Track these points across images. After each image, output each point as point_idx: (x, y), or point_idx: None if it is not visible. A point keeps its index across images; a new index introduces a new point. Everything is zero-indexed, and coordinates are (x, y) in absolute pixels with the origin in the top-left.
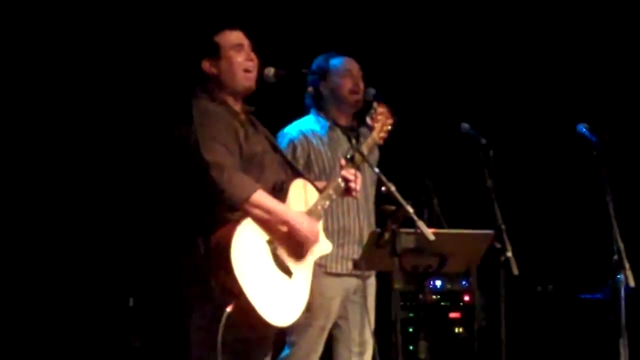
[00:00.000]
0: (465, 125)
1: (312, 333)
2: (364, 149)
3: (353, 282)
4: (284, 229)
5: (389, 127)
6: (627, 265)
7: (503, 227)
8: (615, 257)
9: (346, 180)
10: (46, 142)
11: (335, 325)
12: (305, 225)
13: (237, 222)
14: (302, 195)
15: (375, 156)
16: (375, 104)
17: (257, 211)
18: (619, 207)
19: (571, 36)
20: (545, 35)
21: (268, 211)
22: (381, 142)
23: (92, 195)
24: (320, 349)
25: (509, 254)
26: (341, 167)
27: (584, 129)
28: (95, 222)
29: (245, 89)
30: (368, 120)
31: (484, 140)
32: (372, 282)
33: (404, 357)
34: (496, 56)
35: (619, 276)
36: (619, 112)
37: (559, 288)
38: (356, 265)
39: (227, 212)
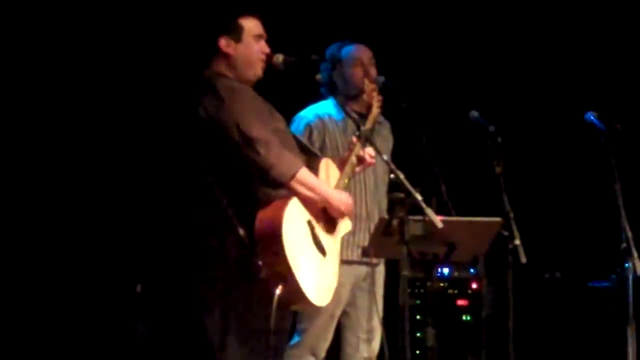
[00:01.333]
0: (474, 113)
1: (322, 320)
2: (368, 124)
3: (363, 269)
4: (321, 206)
5: (380, 98)
6: (635, 254)
7: (511, 214)
8: (624, 245)
9: (361, 160)
10: (61, 124)
11: (344, 313)
12: (344, 200)
13: (284, 201)
14: (327, 174)
15: (389, 145)
16: (366, 82)
17: (302, 188)
18: (627, 196)
19: (581, 23)
20: (555, 22)
21: (312, 188)
22: (378, 117)
23: (105, 180)
24: (329, 336)
25: (517, 241)
26: (351, 145)
27: (593, 117)
28: (104, 208)
29: (256, 77)
30: (365, 97)
31: (492, 128)
32: (380, 270)
33: (412, 344)
34: (505, 43)
35: (627, 264)
36: (629, 100)
37: (567, 276)
38: (365, 252)
39: (268, 190)
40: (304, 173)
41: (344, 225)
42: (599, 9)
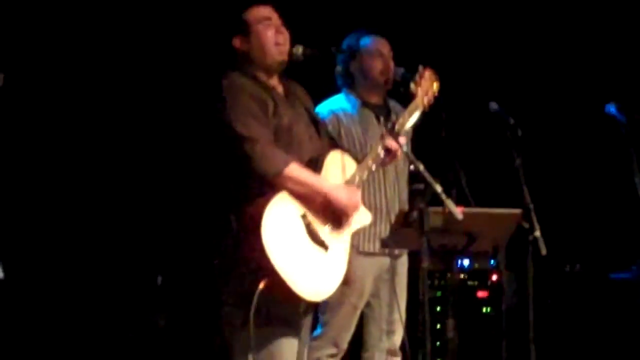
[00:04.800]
0: (494, 105)
1: (345, 312)
2: (406, 116)
3: (386, 261)
4: (320, 201)
5: (435, 91)
6: None
7: (531, 206)
8: None
9: (387, 150)
10: (78, 116)
11: (367, 304)
12: (341, 194)
13: (270, 196)
14: (339, 167)
15: (409, 136)
16: (420, 68)
17: (291, 184)
18: None
19: (602, 14)
20: (576, 12)
21: (302, 184)
22: (426, 107)
23: (122, 172)
24: (352, 327)
25: (537, 233)
26: (382, 137)
27: (613, 109)
28: (124, 199)
29: (277, 63)
30: (412, 86)
31: (512, 120)
32: (403, 262)
33: (432, 336)
34: (525, 35)
35: None
36: None
37: (587, 268)
38: (384, 244)
39: (260, 186)
40: (292, 169)
41: (361, 218)
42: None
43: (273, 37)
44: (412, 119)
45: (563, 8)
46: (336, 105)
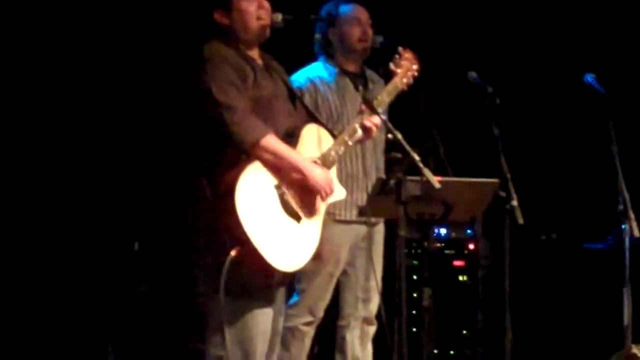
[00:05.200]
0: (472, 74)
1: (321, 280)
2: (384, 95)
3: (362, 229)
4: (295, 175)
5: (415, 73)
6: (632, 216)
7: (508, 175)
8: (621, 207)
9: (364, 128)
10: (51, 98)
11: (343, 272)
12: (317, 173)
13: (244, 165)
14: (315, 140)
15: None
16: (400, 49)
17: (267, 155)
18: (624, 158)
19: None
20: None
21: (278, 156)
22: (405, 87)
23: (97, 137)
24: (328, 296)
25: (514, 202)
26: (359, 112)
27: (591, 79)
28: (98, 165)
29: (259, 37)
30: (391, 65)
31: (490, 89)
32: (380, 229)
33: (408, 304)
34: (504, 4)
35: (623, 226)
36: (627, 62)
37: (563, 237)
38: (361, 212)
39: (235, 154)
40: (269, 140)
41: (336, 193)
42: None
43: (255, 12)
44: (390, 98)
45: None
46: (313, 73)
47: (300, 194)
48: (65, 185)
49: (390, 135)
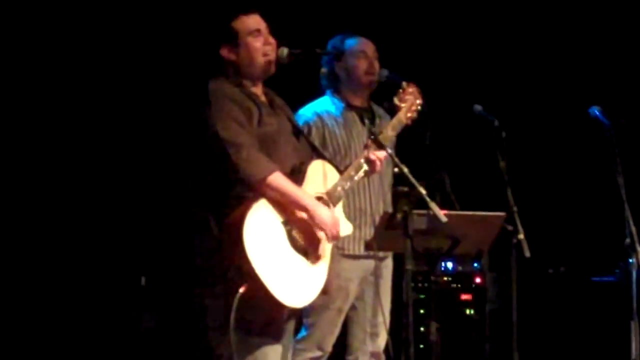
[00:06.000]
0: (478, 107)
1: (330, 315)
2: (389, 129)
3: (370, 263)
4: (301, 214)
5: (418, 107)
6: (639, 249)
7: (515, 209)
8: (628, 240)
9: (370, 162)
10: (62, 119)
11: (352, 307)
12: (323, 213)
13: (251, 202)
14: (320, 177)
15: (393, 139)
16: (404, 84)
17: (273, 193)
18: (631, 190)
19: (585, 17)
20: (559, 16)
21: (284, 194)
22: (409, 122)
23: (105, 173)
24: (337, 330)
25: (521, 236)
26: (365, 147)
27: (597, 112)
28: (107, 201)
29: (264, 73)
30: (395, 100)
31: (496, 122)
32: (388, 264)
33: (415, 339)
34: (509, 38)
35: (631, 259)
36: (632, 95)
37: (570, 270)
38: (368, 246)
39: (242, 191)
40: (276, 177)
41: (343, 228)
42: (603, 4)
43: (261, 49)
44: (394, 132)
45: (548, 10)
46: (320, 108)
47: (307, 231)
48: (73, 222)
49: (396, 169)
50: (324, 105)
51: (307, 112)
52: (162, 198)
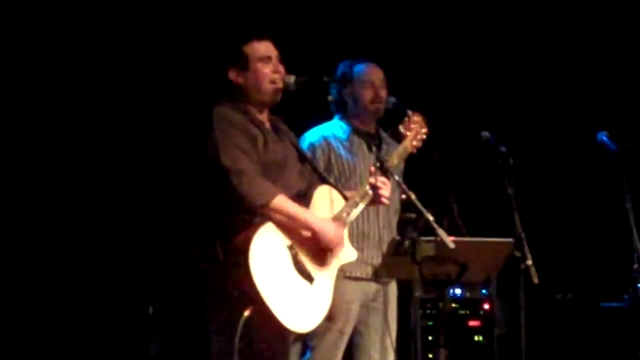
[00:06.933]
0: (485, 134)
1: (331, 337)
2: (395, 157)
3: (372, 286)
4: (307, 234)
5: (424, 136)
6: None
7: (523, 235)
8: (636, 265)
9: (375, 188)
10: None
11: (356, 332)
12: (328, 229)
13: (257, 226)
14: (327, 202)
15: (401, 165)
16: (410, 112)
17: (278, 216)
18: (639, 215)
19: (593, 44)
20: (568, 43)
21: (289, 216)
22: (414, 150)
23: (115, 202)
24: (340, 353)
25: (529, 262)
26: (370, 174)
27: (604, 137)
28: (114, 230)
29: (270, 100)
30: (401, 128)
31: (503, 148)
32: (392, 289)
33: None
34: (517, 64)
35: (639, 285)
36: (638, 120)
37: (579, 296)
38: (377, 273)
39: (247, 216)
40: (279, 201)
41: (347, 255)
42: (612, 30)
43: (270, 76)
44: (399, 160)
45: (555, 36)
46: (328, 131)
47: (312, 253)
48: (84, 251)
49: (404, 196)
50: (332, 129)
51: (313, 135)
52: (170, 227)
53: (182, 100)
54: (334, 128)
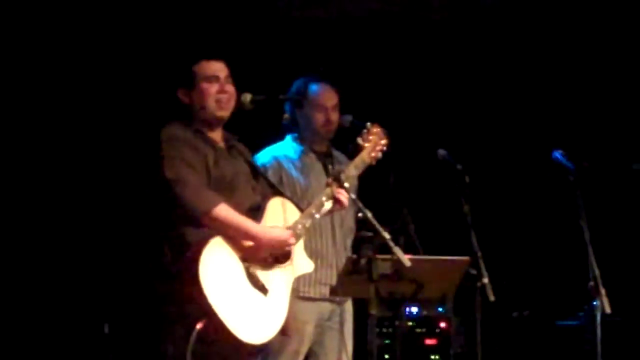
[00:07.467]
0: (442, 151)
1: (286, 358)
2: (352, 168)
3: (327, 306)
4: (249, 244)
5: (383, 147)
6: (602, 292)
7: (479, 253)
8: (591, 283)
9: (334, 199)
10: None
11: (311, 352)
12: (269, 232)
13: (207, 240)
14: (280, 213)
15: (355, 182)
16: (368, 124)
17: (219, 225)
18: (594, 233)
19: (546, 61)
20: (521, 59)
21: (231, 225)
22: (373, 162)
23: (66, 221)
24: None
25: (486, 280)
26: (327, 185)
27: (560, 155)
28: (68, 248)
29: (216, 119)
30: (359, 140)
31: (459, 166)
32: (348, 308)
33: None
34: (471, 82)
35: (594, 302)
36: (595, 138)
37: (535, 314)
38: (332, 291)
39: (196, 230)
40: (221, 209)
41: (303, 266)
42: (566, 49)
43: (215, 95)
44: (357, 172)
45: (508, 54)
46: (279, 152)
47: (266, 264)
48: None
49: (360, 214)
50: (283, 149)
51: (265, 156)
52: (124, 244)
53: (137, 118)
54: (286, 148)
